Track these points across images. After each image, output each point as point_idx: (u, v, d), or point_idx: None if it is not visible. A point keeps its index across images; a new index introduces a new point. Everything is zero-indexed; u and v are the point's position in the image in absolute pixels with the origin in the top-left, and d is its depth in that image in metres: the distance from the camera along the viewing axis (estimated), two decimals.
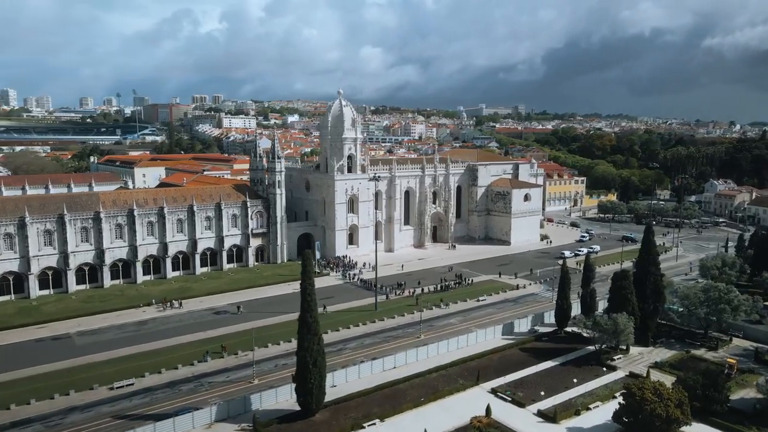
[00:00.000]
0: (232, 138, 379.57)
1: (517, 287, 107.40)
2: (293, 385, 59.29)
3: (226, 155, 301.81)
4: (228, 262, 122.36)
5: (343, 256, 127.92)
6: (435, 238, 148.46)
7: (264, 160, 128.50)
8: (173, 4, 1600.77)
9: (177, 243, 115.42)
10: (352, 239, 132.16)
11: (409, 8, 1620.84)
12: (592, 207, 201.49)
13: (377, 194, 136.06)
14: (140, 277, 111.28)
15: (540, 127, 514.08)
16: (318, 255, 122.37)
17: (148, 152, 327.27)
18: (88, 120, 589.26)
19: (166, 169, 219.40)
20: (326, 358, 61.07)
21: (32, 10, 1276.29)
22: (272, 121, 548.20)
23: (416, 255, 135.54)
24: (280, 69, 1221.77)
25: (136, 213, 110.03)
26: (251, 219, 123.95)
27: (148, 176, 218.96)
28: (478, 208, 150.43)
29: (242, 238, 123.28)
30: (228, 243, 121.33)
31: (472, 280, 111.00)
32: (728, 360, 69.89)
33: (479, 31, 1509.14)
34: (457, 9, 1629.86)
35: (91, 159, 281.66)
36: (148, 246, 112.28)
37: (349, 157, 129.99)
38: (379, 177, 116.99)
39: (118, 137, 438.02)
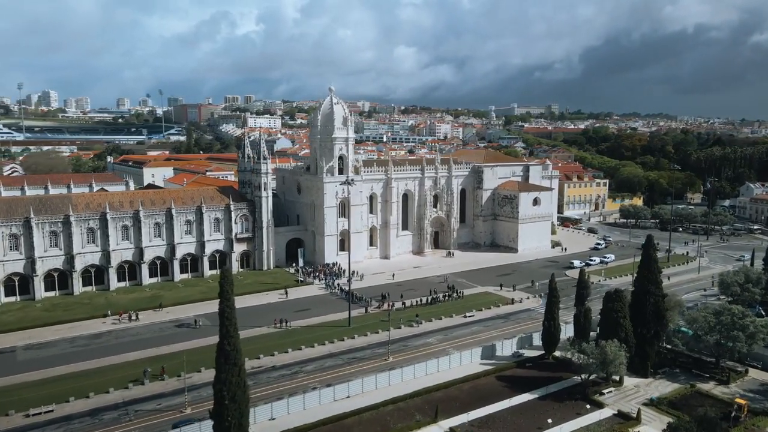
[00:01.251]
0: (252, 138, 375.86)
1: (512, 301, 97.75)
2: None
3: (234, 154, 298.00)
4: (211, 269, 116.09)
5: (333, 264, 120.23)
6: (436, 244, 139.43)
7: (252, 160, 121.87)
8: (211, 6, 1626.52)
9: (154, 248, 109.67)
10: (343, 245, 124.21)
11: (445, 7, 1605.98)
12: (615, 211, 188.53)
13: (371, 197, 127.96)
14: (114, 284, 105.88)
15: (572, 126, 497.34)
16: (301, 262, 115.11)
17: (167, 152, 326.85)
18: (120, 120, 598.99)
19: (174, 169, 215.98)
20: (278, 382, 53.69)
21: (78, 15, 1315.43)
22: (298, 121, 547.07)
23: (413, 262, 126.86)
24: (314, 69, 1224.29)
25: (109, 216, 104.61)
26: (235, 223, 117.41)
27: (157, 176, 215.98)
28: (483, 213, 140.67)
29: (225, 243, 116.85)
30: (210, 248, 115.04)
31: (462, 293, 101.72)
32: (737, 400, 59.19)
33: (515, 30, 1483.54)
34: (493, 7, 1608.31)
35: (109, 159, 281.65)
36: (122, 251, 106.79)
37: (340, 158, 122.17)
38: (353, 180, 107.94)
39: (144, 137, 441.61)
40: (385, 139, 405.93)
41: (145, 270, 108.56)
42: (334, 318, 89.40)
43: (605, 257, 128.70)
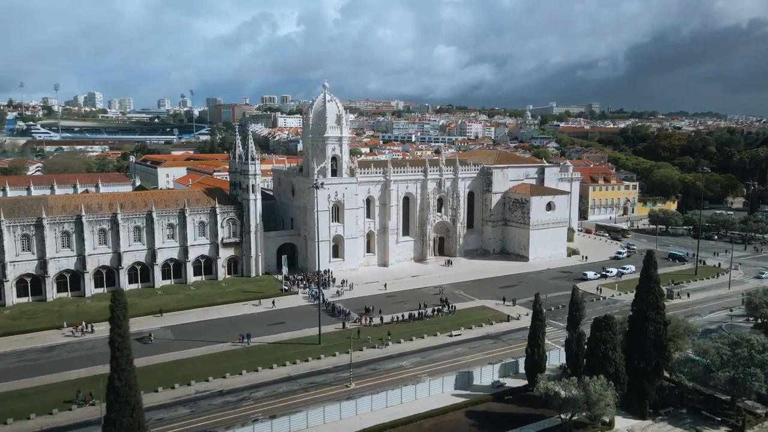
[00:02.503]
0: (277, 137, 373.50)
1: (508, 318, 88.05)
2: None
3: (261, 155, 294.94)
4: (195, 275, 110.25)
5: (325, 271, 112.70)
6: (441, 251, 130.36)
7: (241, 161, 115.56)
8: (253, 8, 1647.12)
9: (134, 253, 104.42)
10: (337, 252, 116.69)
11: (486, 5, 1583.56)
12: (645, 216, 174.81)
13: (369, 201, 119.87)
14: (91, 290, 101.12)
15: (611, 126, 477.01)
16: (285, 270, 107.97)
17: (191, 151, 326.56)
18: (156, 120, 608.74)
19: (187, 169, 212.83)
20: (219, 411, 46.44)
21: (128, 19, 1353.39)
22: None
23: (412, 271, 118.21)
24: (354, 69, 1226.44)
25: (85, 219, 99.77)
26: (221, 227, 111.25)
27: (171, 176, 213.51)
28: (492, 218, 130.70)
29: (211, 248, 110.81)
30: (194, 253, 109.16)
31: (454, 307, 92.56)
32: None
33: (557, 28, 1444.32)
34: (534, 4, 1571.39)
35: (131, 158, 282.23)
36: (99, 256, 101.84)
37: (334, 159, 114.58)
38: (322, 184, 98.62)
39: (174, 137, 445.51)
40: (413, 139, 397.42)
41: (123, 276, 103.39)
42: (308, 334, 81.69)
43: (624, 268, 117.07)
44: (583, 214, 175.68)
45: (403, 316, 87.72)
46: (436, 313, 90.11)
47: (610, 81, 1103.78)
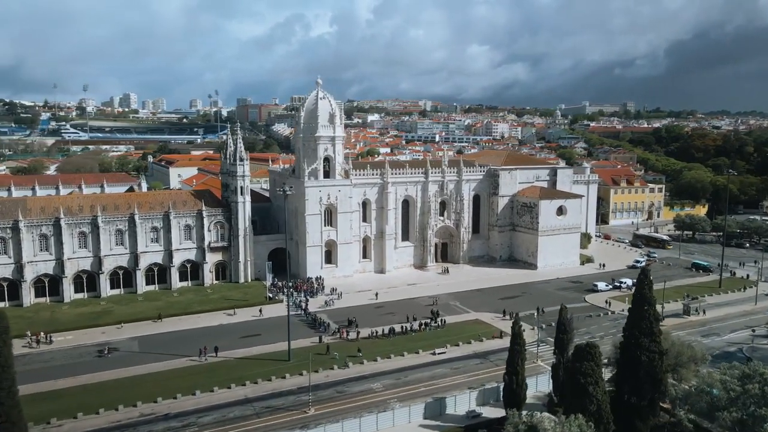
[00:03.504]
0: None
1: (501, 335, 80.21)
2: None
3: (275, 154, 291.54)
4: (181, 280, 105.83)
5: (317, 278, 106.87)
6: (445, 257, 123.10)
7: (229, 161, 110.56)
8: (287, 9, 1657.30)
9: (115, 257, 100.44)
10: (330, 257, 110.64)
11: (520, 3, 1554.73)
12: (671, 221, 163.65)
13: (365, 204, 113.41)
14: (70, 295, 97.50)
15: (645, 125, 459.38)
16: (269, 278, 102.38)
17: (211, 151, 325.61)
18: (184, 120, 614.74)
19: (198, 169, 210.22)
20: None
21: (165, 22, 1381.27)
22: (355, 120, 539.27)
23: (410, 278, 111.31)
24: (385, 69, 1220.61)
25: (63, 222, 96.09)
26: (209, 231, 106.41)
27: (183, 176, 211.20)
28: (499, 223, 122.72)
29: (197, 252, 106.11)
30: (179, 258, 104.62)
31: (444, 321, 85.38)
32: None
33: (594, 25, 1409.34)
34: (570, 2, 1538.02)
35: (150, 158, 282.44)
36: (79, 260, 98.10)
37: (326, 160, 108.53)
38: (289, 189, 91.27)
39: (198, 137, 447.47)
40: (437, 139, 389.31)
41: (104, 281, 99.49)
42: (281, 348, 75.40)
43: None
44: (603, 219, 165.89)
45: (384, 330, 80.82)
46: (423, 327, 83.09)
47: (649, 79, 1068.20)
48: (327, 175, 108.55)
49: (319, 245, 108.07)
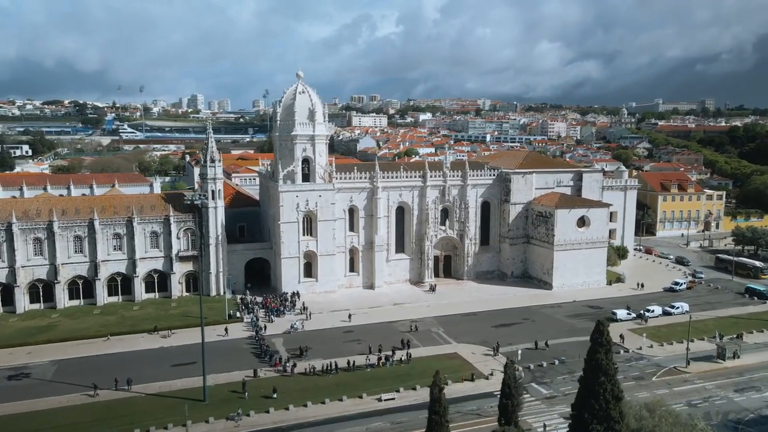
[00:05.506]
0: (341, 137, 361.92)
1: (473, 377, 65.32)
2: None
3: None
4: (148, 291, 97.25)
5: (293, 294, 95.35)
6: (448, 272, 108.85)
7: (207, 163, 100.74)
8: (354, 10, 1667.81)
9: (74, 266, 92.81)
10: (310, 270, 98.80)
11: None
12: (730, 234, 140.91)
13: (352, 211, 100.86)
14: (24, 306, 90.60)
15: (723, 124, 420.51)
16: (229, 293, 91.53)
17: (251, 151, 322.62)
18: (240, 120, 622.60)
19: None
20: None
21: (239, 25, 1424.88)
22: (408, 119, 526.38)
23: (402, 296, 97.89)
24: (451, 69, 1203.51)
25: (16, 227, 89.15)
26: (177, 238, 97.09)
27: None
28: (511, 234, 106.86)
29: (165, 262, 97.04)
30: (144, 268, 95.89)
31: (410, 355, 71.40)
32: None
33: (674, 19, 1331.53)
34: None
35: (187, 158, 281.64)
36: (34, 268, 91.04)
37: (305, 161, 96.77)
38: (198, 196, 79.70)
39: (248, 136, 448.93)
40: (488, 139, 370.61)
41: (61, 291, 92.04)
42: (212, 382, 64.35)
43: (673, 306, 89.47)
44: (648, 229, 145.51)
45: (330, 365, 67.69)
46: (383, 362, 69.55)
47: (734, 75, 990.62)
48: (306, 178, 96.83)
49: (297, 257, 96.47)
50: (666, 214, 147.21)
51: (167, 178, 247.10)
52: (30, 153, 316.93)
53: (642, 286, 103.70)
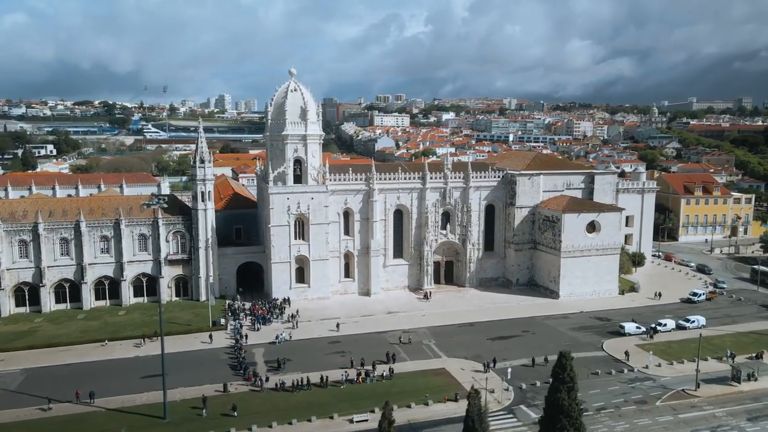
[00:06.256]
0: (360, 136, 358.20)
1: (456, 397, 60.15)
2: None
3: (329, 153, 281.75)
4: (136, 295, 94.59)
5: (283, 300, 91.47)
6: (450, 278, 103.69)
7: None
8: (383, 10, 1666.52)
9: (60, 269, 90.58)
10: (302, 276, 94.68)
11: None
12: (758, 240, 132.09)
13: (347, 214, 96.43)
14: (9, 309, 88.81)
15: (759, 123, 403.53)
16: (212, 299, 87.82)
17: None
18: (263, 120, 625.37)
19: (231, 169, 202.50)
20: None
21: (267, 26, 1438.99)
22: (432, 119, 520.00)
23: (398, 304, 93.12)
24: (480, 68, 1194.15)
25: (2, 229, 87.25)
26: (166, 241, 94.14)
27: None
28: (516, 239, 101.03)
29: (153, 265, 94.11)
30: (132, 271, 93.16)
31: (392, 370, 66.52)
32: None
33: (710, 14, 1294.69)
34: None
35: None
36: (19, 271, 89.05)
37: (297, 162, 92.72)
38: (161, 201, 75.00)
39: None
40: (511, 139, 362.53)
41: (46, 294, 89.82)
42: (180, 396, 60.84)
43: (688, 319, 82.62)
44: (670, 234, 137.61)
45: (301, 380, 63.27)
46: (362, 377, 64.87)
47: None
48: (298, 180, 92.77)
49: (288, 261, 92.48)
50: (689, 218, 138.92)
51: (184, 178, 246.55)
52: (54, 153, 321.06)
53: (659, 295, 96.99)
